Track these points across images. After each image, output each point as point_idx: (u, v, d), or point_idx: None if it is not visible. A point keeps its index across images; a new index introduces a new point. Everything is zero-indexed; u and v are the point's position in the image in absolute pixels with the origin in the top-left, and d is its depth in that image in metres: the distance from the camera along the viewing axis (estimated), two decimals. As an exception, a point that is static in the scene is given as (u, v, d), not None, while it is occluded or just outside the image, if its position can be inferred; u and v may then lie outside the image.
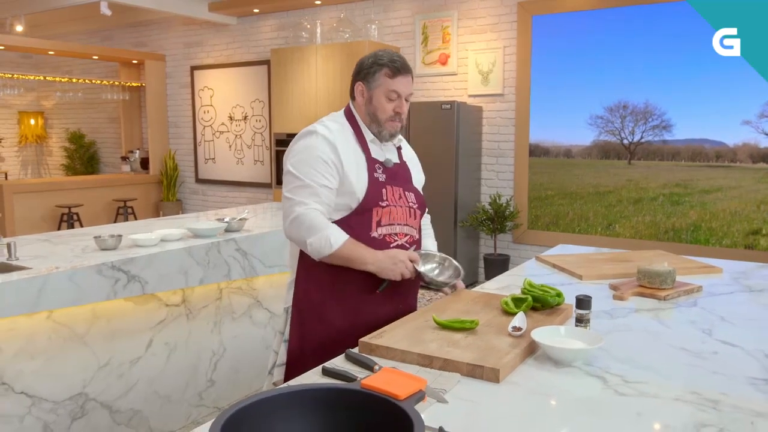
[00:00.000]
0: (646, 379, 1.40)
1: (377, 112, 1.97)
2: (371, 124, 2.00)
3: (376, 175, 1.96)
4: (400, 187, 2.02)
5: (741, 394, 1.33)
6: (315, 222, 1.84)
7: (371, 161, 1.98)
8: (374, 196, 1.93)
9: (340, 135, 1.95)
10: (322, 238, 1.83)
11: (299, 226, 1.85)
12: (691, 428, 1.17)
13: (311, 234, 1.83)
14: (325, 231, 1.83)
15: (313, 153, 1.89)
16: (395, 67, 1.95)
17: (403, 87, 1.97)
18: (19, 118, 10.25)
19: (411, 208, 2.03)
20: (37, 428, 2.52)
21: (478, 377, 1.39)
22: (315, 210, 1.85)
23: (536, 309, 1.83)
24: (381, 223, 1.94)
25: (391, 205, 1.96)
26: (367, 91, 1.99)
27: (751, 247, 5.07)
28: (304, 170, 1.88)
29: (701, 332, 1.75)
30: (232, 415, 0.84)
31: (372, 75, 1.97)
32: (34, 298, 2.42)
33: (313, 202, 1.86)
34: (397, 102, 1.97)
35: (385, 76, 1.95)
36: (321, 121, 2.02)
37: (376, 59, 1.97)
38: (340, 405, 0.93)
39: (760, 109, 4.96)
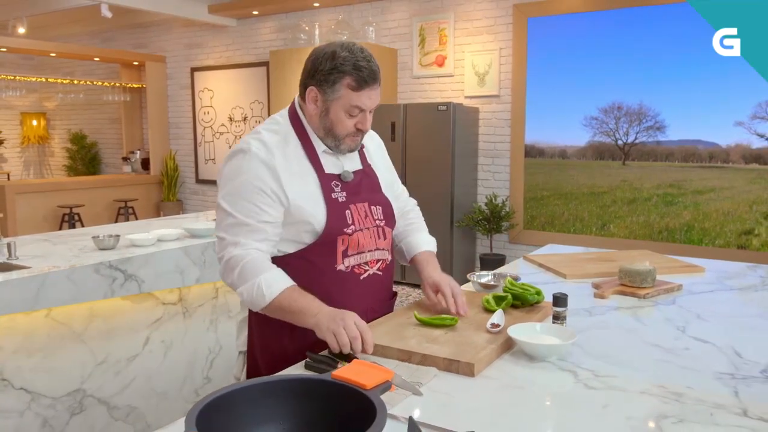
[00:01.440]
0: (616, 374, 1.46)
1: (335, 128, 1.62)
2: (325, 137, 1.64)
3: (334, 196, 1.63)
4: (365, 202, 1.70)
5: (705, 388, 1.39)
6: (248, 267, 1.53)
7: (326, 179, 1.63)
8: (337, 222, 1.61)
9: (281, 150, 1.60)
10: (253, 288, 1.52)
11: (230, 272, 1.55)
12: (653, 419, 1.23)
13: (242, 282, 1.53)
14: (257, 278, 1.52)
15: (248, 181, 1.55)
16: (360, 78, 1.56)
17: (368, 101, 1.60)
18: (22, 119, 10.34)
19: (379, 228, 1.72)
20: (36, 423, 2.59)
21: (454, 371, 1.45)
22: (253, 250, 1.54)
23: (516, 307, 1.88)
24: (348, 253, 1.64)
25: (358, 229, 1.65)
26: (322, 101, 1.60)
27: (743, 247, 5.12)
28: (238, 204, 1.55)
29: (675, 329, 1.81)
30: (207, 404, 0.90)
31: (330, 84, 1.57)
32: (34, 297, 2.48)
33: (251, 240, 1.55)
34: (359, 117, 1.62)
35: (347, 88, 1.57)
36: (257, 131, 1.65)
37: (337, 63, 1.56)
38: (312, 395, 1.00)
39: (753, 111, 5.01)
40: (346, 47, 1.58)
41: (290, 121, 1.67)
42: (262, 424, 0.97)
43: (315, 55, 1.61)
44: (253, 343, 1.72)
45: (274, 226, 1.58)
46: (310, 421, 0.98)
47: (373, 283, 1.73)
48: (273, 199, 1.56)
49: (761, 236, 5.06)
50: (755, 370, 1.49)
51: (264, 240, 1.57)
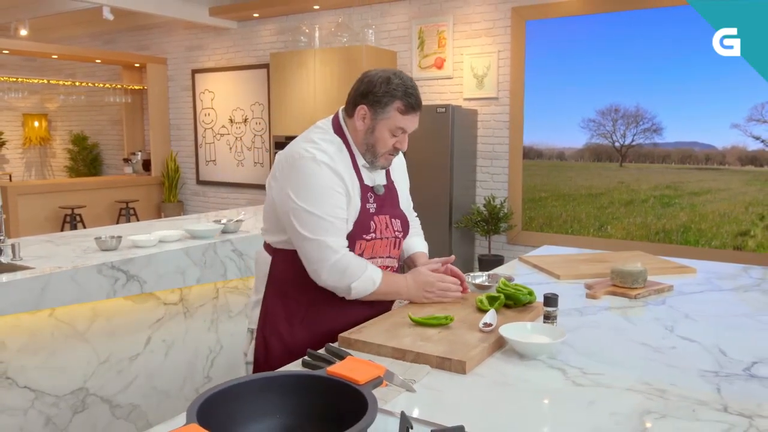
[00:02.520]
0: (603, 371, 1.51)
1: (377, 145, 1.80)
2: (365, 153, 1.83)
3: (367, 206, 1.82)
4: (388, 215, 1.89)
5: (689, 385, 1.43)
6: (355, 264, 1.75)
7: (365, 189, 1.83)
8: (361, 228, 1.81)
9: (340, 161, 1.78)
10: (366, 280, 1.76)
11: (341, 273, 1.74)
12: (637, 415, 1.28)
13: (353, 277, 1.74)
14: (365, 273, 1.76)
15: (324, 185, 1.72)
16: (409, 104, 1.77)
17: (411, 124, 1.82)
18: (23, 120, 10.40)
19: (396, 238, 1.92)
20: (39, 421, 2.63)
21: (446, 369, 1.50)
22: (346, 250, 1.76)
23: (509, 307, 1.93)
24: (363, 255, 1.83)
25: (377, 237, 1.85)
26: (371, 119, 1.79)
27: (739, 248, 5.16)
28: (322, 206, 1.72)
29: (664, 329, 1.86)
30: (208, 398, 0.95)
31: (382, 105, 1.76)
32: (37, 297, 2.53)
33: (339, 239, 1.74)
34: (400, 138, 1.82)
35: (397, 111, 1.77)
36: (312, 141, 1.79)
37: (390, 88, 1.75)
38: (308, 389, 1.05)
39: (749, 113, 5.06)
40: (398, 75, 1.79)
41: (336, 133, 1.83)
42: (260, 418, 1.02)
43: (370, 78, 1.79)
44: (266, 323, 1.89)
45: (345, 223, 1.77)
46: (306, 415, 1.02)
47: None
48: (345, 200, 1.76)
49: (757, 237, 5.11)
50: (738, 368, 1.54)
51: (344, 235, 1.76)
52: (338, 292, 1.79)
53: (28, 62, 10.13)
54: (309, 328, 1.82)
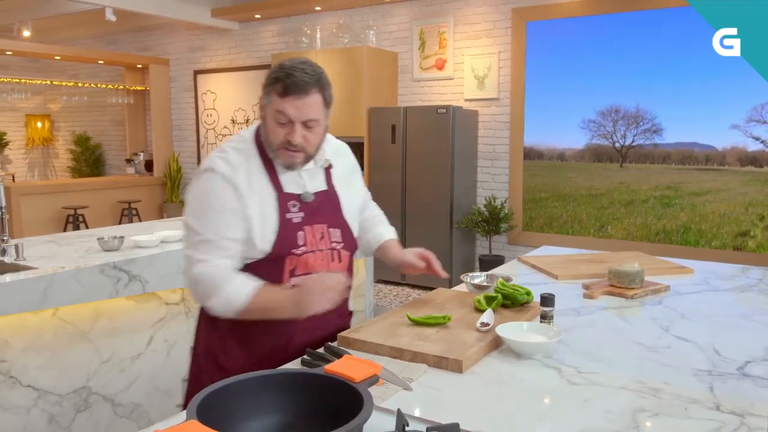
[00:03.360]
0: (598, 370, 1.53)
1: (269, 136, 1.62)
2: (268, 150, 1.65)
3: (288, 216, 1.63)
4: (324, 224, 1.69)
5: (682, 384, 1.46)
6: (212, 280, 1.56)
7: (284, 198, 1.64)
8: (286, 242, 1.62)
9: (243, 168, 1.61)
10: (221, 299, 1.56)
11: (195, 288, 1.59)
12: (629, 413, 1.30)
13: (211, 296, 1.56)
14: (223, 289, 1.55)
15: (213, 199, 1.58)
16: (286, 85, 1.55)
17: (292, 110, 1.56)
18: (26, 121, 10.44)
19: (334, 251, 1.70)
20: (42, 420, 2.66)
21: (443, 368, 1.52)
22: (216, 266, 1.57)
23: (507, 306, 1.95)
24: (295, 272, 1.64)
25: (309, 251, 1.65)
26: (263, 108, 1.64)
27: (739, 249, 5.18)
28: (205, 221, 1.58)
29: (659, 328, 1.88)
30: (208, 395, 0.97)
31: (267, 91, 1.60)
32: (41, 297, 2.56)
33: (215, 257, 1.57)
34: (288, 128, 1.58)
35: (275, 94, 1.57)
36: (223, 149, 1.66)
37: (274, 70, 1.59)
38: (306, 387, 1.07)
39: (748, 114, 5.07)
40: (293, 60, 1.60)
41: (254, 138, 1.68)
42: (259, 415, 1.04)
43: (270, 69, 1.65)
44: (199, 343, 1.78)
45: (238, 243, 1.59)
46: (303, 412, 1.05)
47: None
48: (237, 217, 1.58)
49: (756, 238, 5.12)
50: (732, 368, 1.56)
51: (228, 257, 1.58)
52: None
53: (31, 63, 10.17)
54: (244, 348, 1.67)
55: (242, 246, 1.60)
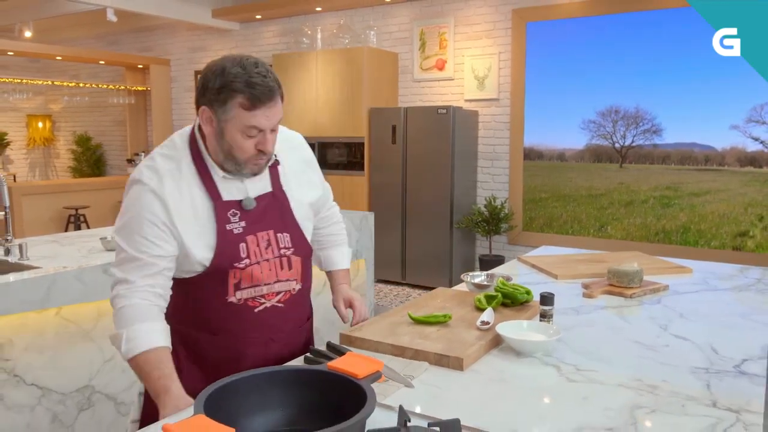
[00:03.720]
0: (597, 368, 1.55)
1: (234, 152, 1.47)
2: (225, 161, 1.50)
3: (229, 227, 1.50)
4: (270, 230, 1.56)
5: (680, 381, 1.48)
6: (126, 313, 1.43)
7: (222, 208, 1.51)
8: (227, 256, 1.49)
9: (172, 179, 1.48)
10: (118, 338, 1.43)
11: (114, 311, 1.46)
12: (627, 409, 1.32)
13: (117, 326, 1.45)
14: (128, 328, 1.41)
15: (140, 214, 1.45)
16: (254, 96, 1.40)
17: (265, 120, 1.44)
18: (28, 121, 10.47)
19: (283, 257, 1.57)
20: (46, 418, 2.68)
21: (444, 366, 1.54)
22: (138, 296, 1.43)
23: (507, 305, 1.97)
24: (240, 285, 1.52)
25: (254, 262, 1.52)
26: (216, 121, 1.45)
27: (738, 249, 5.20)
28: (131, 238, 1.45)
29: (658, 327, 1.90)
30: (216, 390, 0.99)
31: (222, 103, 1.42)
32: (44, 296, 2.58)
33: (141, 278, 1.44)
34: (259, 138, 1.46)
35: (240, 108, 1.42)
36: (152, 156, 1.53)
37: (227, 80, 1.41)
38: (310, 383, 1.09)
39: (748, 114, 5.09)
40: (238, 62, 1.43)
41: (188, 143, 1.54)
42: (264, 411, 1.06)
43: (205, 71, 1.48)
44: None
45: (167, 260, 1.47)
46: (307, 408, 1.07)
47: (272, 315, 1.58)
48: (165, 232, 1.46)
49: (756, 238, 5.14)
50: (729, 366, 1.58)
51: (156, 274, 1.45)
52: None
53: (32, 63, 10.19)
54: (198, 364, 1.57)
55: (174, 262, 1.49)
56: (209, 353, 1.56)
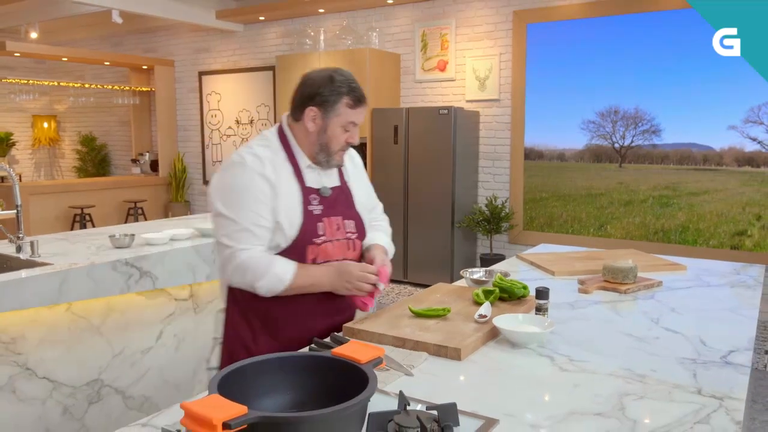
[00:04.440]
0: (589, 359, 1.62)
1: (330, 143, 1.82)
2: (319, 153, 1.83)
3: (310, 208, 1.80)
4: (339, 216, 1.87)
5: (668, 371, 1.55)
6: (259, 264, 1.72)
7: (306, 192, 1.82)
8: (308, 232, 1.79)
9: (272, 164, 1.78)
10: (271, 278, 1.72)
11: (244, 273, 1.73)
12: (616, 396, 1.39)
13: (259, 277, 1.72)
14: (271, 270, 1.72)
15: (247, 191, 1.73)
16: (356, 98, 1.80)
17: (360, 117, 1.83)
18: (33, 121, 10.56)
19: (349, 240, 1.89)
20: (57, 411, 2.76)
21: (443, 356, 1.61)
22: (256, 252, 1.74)
23: (505, 300, 2.05)
24: (316, 261, 1.81)
25: (328, 240, 1.83)
26: (322, 119, 1.79)
27: (736, 248, 5.26)
28: (240, 212, 1.72)
29: (650, 321, 1.97)
30: (227, 374, 1.06)
31: (331, 104, 1.78)
32: (56, 292, 2.65)
33: (252, 245, 1.73)
34: (351, 132, 1.84)
35: (346, 107, 1.79)
36: (250, 146, 1.83)
37: (336, 86, 1.78)
38: (316, 368, 1.16)
39: (746, 115, 5.15)
40: (339, 72, 1.80)
41: (278, 137, 1.85)
42: (274, 393, 1.13)
43: (312, 81, 1.81)
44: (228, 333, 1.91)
45: (269, 232, 1.75)
46: (313, 391, 1.14)
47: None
48: (268, 207, 1.74)
49: (753, 237, 5.21)
50: (716, 356, 1.65)
51: (262, 244, 1.75)
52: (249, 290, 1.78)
53: (38, 64, 10.28)
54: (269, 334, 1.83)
55: (272, 234, 1.76)
56: (282, 324, 1.82)
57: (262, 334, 1.83)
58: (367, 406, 1.09)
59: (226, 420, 0.90)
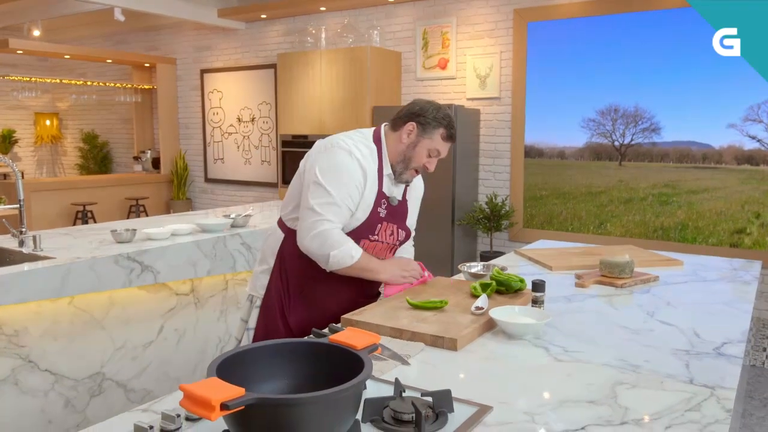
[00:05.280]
0: (583, 350, 1.64)
1: (413, 159, 2.06)
2: (399, 163, 2.07)
3: (378, 210, 2.05)
4: (395, 225, 2.13)
5: (661, 361, 1.57)
6: (338, 237, 1.94)
7: (380, 195, 2.06)
8: (368, 228, 2.04)
9: (367, 162, 2.01)
10: (344, 252, 1.94)
11: (323, 241, 1.93)
12: (609, 385, 1.42)
13: (334, 248, 1.93)
14: (345, 245, 1.95)
15: (349, 174, 1.96)
16: (451, 134, 2.07)
17: (445, 151, 2.10)
18: (35, 119, 10.59)
19: (394, 246, 2.17)
20: (59, 403, 2.79)
21: (439, 346, 1.64)
22: (338, 227, 1.96)
23: (502, 293, 2.07)
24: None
25: (379, 240, 2.09)
26: (416, 136, 2.04)
27: (735, 246, 5.27)
28: (338, 189, 1.94)
29: (645, 314, 1.99)
30: (225, 359, 1.09)
31: (431, 127, 2.03)
32: (58, 285, 2.68)
33: (336, 220, 1.95)
34: (432, 159, 2.09)
35: (440, 136, 2.05)
36: (352, 138, 2.06)
37: (440, 116, 2.05)
38: (313, 354, 1.19)
39: (745, 113, 5.16)
40: (446, 109, 2.10)
41: (374, 142, 2.09)
42: (271, 379, 1.15)
43: (423, 105, 2.08)
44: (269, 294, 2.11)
45: (350, 214, 1.99)
46: (311, 377, 1.16)
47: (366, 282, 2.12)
48: (358, 195, 1.98)
49: (752, 235, 5.22)
50: (709, 348, 1.67)
51: (342, 222, 1.98)
52: (319, 260, 1.98)
53: (40, 62, 10.31)
54: (304, 304, 2.06)
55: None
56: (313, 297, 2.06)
57: (298, 305, 2.06)
58: (362, 391, 1.11)
59: (223, 401, 0.92)
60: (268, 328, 2.08)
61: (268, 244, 2.16)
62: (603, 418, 1.25)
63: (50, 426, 2.74)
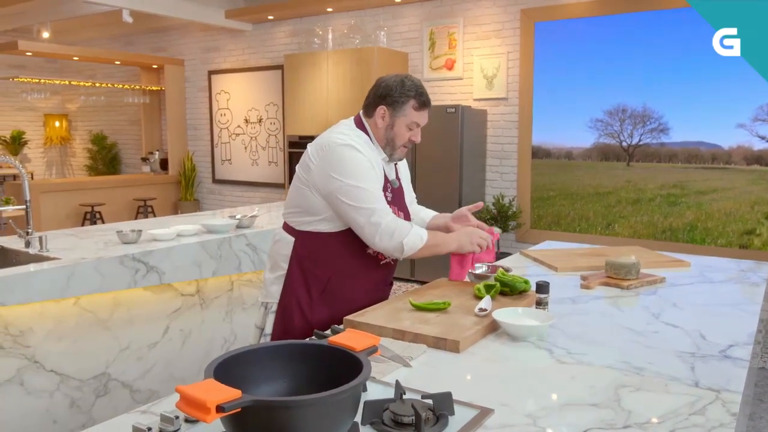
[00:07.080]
0: (587, 352, 1.63)
1: (396, 139, 2.06)
2: (385, 146, 2.07)
3: (387, 195, 2.05)
4: (396, 207, 2.11)
5: (665, 364, 1.55)
6: (400, 224, 1.96)
7: (386, 180, 2.07)
8: None
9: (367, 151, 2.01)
10: (413, 235, 1.96)
11: (390, 234, 1.93)
12: (613, 388, 1.40)
13: (404, 235, 1.95)
14: (412, 229, 1.97)
15: (364, 163, 1.96)
16: (422, 102, 2.06)
17: (424, 119, 2.10)
18: (45, 120, 10.66)
19: None
20: (65, 403, 2.79)
21: (441, 348, 1.63)
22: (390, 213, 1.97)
23: (506, 294, 2.05)
24: None
25: None
26: (390, 117, 2.04)
27: (745, 247, 5.23)
28: (365, 180, 1.94)
29: (650, 315, 1.97)
30: (224, 361, 1.08)
31: (399, 104, 2.03)
32: (63, 286, 2.68)
33: (385, 206, 1.97)
34: (414, 131, 2.08)
35: (412, 108, 2.04)
36: (344, 133, 2.03)
37: (405, 90, 2.03)
38: (313, 356, 1.18)
39: (754, 113, 5.12)
40: (409, 78, 2.07)
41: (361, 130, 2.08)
42: (269, 381, 1.15)
43: (386, 83, 2.06)
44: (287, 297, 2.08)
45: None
46: (309, 379, 1.15)
47: (386, 269, 2.17)
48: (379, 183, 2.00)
49: (762, 236, 5.17)
50: (715, 350, 1.65)
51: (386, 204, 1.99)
52: (391, 252, 1.98)
53: (49, 64, 10.38)
54: (327, 302, 2.04)
55: None
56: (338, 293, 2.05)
57: (319, 303, 2.04)
58: (360, 393, 1.10)
59: (219, 403, 0.91)
60: (288, 332, 2.05)
61: (276, 251, 2.13)
62: (606, 422, 1.23)
63: (55, 426, 2.75)
